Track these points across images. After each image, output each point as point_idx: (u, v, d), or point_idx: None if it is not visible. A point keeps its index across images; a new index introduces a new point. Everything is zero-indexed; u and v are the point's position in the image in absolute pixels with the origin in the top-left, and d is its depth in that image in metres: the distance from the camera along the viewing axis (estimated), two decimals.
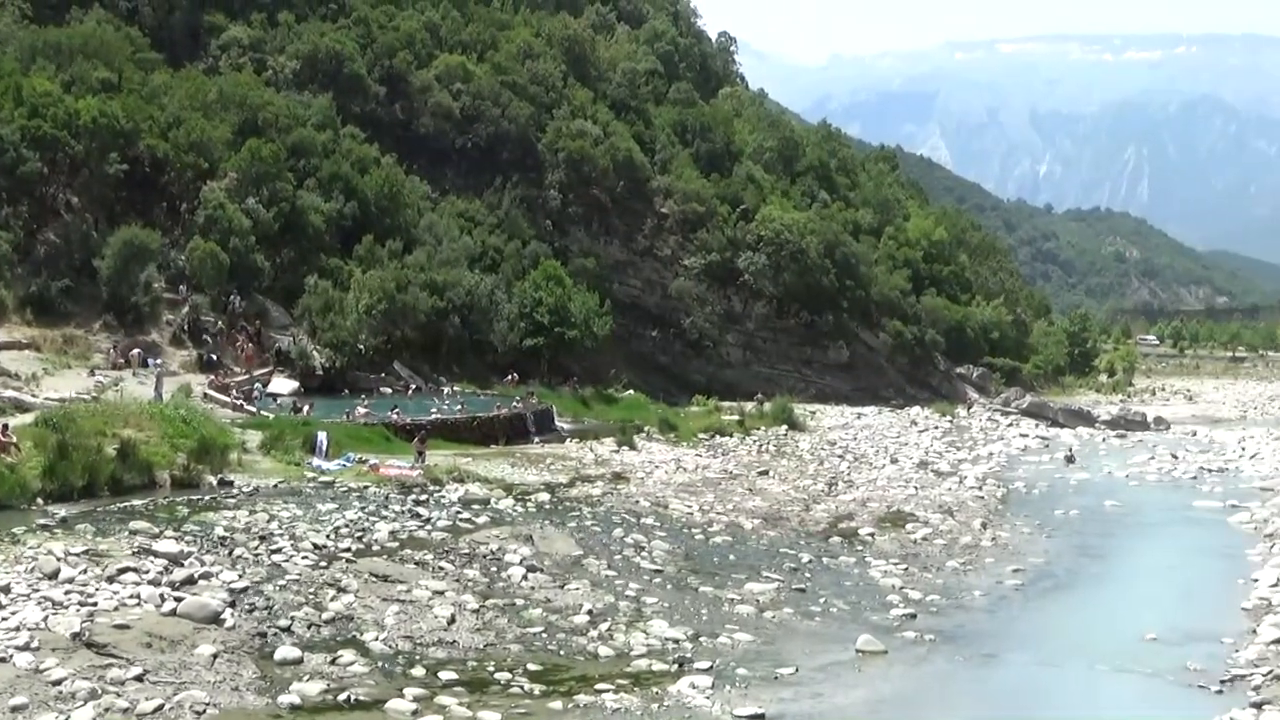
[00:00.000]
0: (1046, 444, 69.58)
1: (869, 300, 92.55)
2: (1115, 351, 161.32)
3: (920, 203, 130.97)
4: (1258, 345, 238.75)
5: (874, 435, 66.02)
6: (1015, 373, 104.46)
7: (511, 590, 25.98)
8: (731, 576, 29.27)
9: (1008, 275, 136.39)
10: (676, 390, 76.55)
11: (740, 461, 51.56)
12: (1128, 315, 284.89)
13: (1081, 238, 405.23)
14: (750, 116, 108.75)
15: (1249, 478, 53.80)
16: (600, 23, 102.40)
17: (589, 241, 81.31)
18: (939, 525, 38.49)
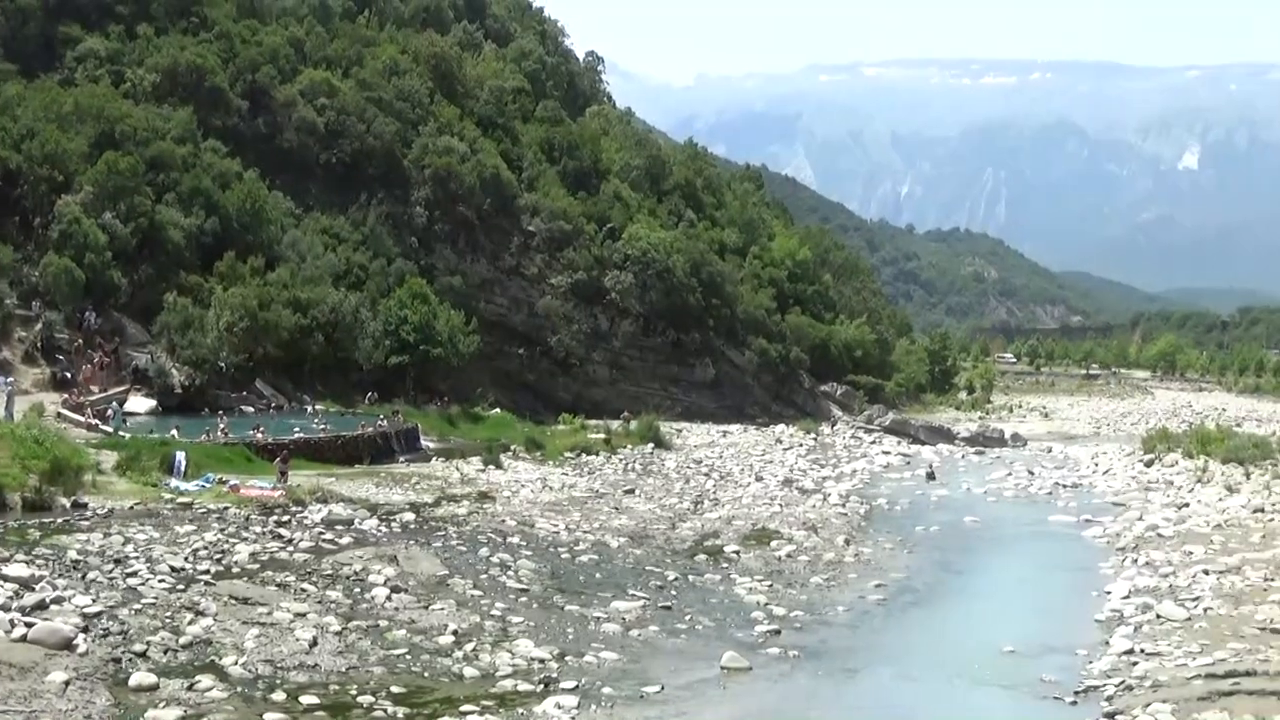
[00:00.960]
0: (908, 461, 70.70)
1: (734, 319, 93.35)
2: (974, 369, 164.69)
3: (785, 222, 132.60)
4: (1110, 363, 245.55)
5: (739, 453, 66.53)
6: (878, 390, 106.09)
7: (375, 611, 25.66)
8: (598, 595, 29.24)
9: (870, 294, 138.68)
10: (543, 408, 76.49)
11: (607, 480, 51.61)
12: (986, 334, 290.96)
13: (942, 258, 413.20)
14: (617, 135, 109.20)
15: (1102, 493, 55.16)
16: (467, 40, 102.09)
17: (455, 259, 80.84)
18: (803, 542, 38.86)
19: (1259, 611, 27.41)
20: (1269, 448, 62.20)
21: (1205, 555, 35.60)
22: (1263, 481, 52.76)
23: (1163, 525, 42.22)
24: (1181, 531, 40.75)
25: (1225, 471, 56.63)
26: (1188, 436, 70.73)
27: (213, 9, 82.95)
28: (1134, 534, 41.14)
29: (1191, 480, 55.43)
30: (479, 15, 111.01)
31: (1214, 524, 41.97)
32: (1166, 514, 45.11)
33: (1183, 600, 29.31)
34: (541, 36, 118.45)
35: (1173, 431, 78.09)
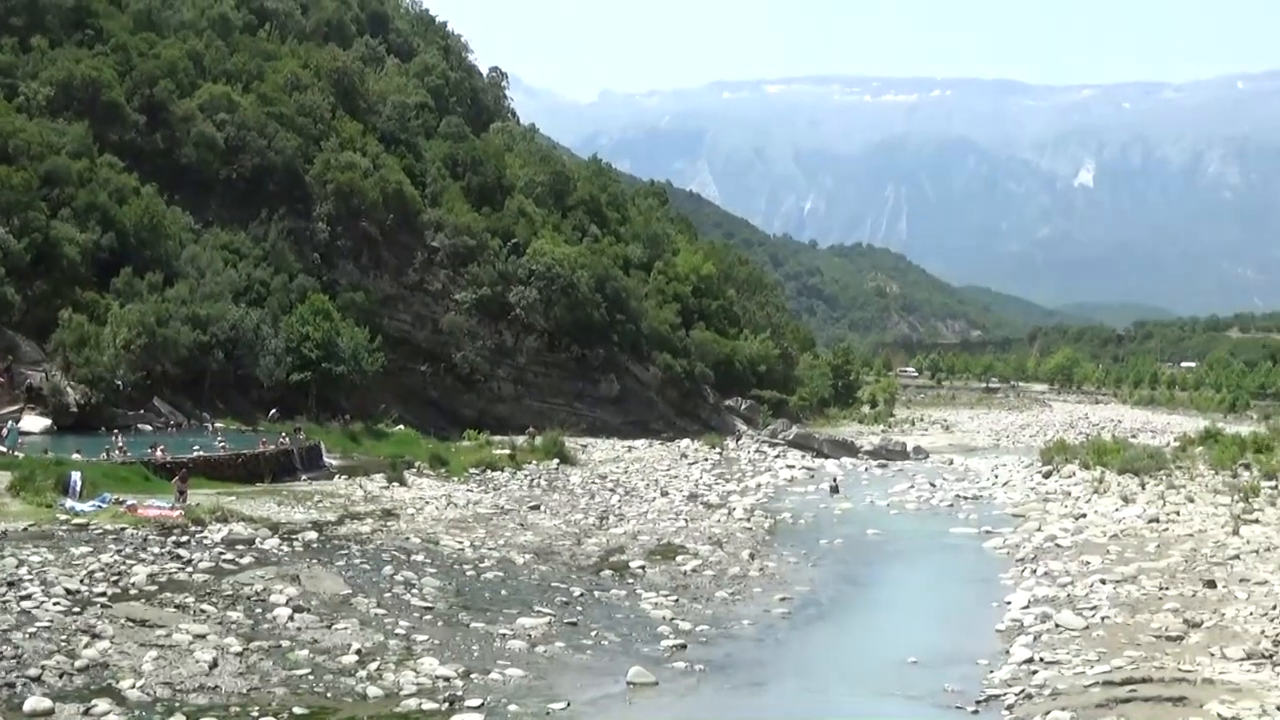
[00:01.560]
0: (812, 474, 71.19)
1: (639, 334, 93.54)
2: (877, 383, 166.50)
3: (689, 238, 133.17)
4: (1009, 376, 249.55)
5: (645, 468, 66.62)
6: (782, 405, 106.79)
7: (277, 632, 25.32)
8: (503, 612, 29.09)
9: (774, 309, 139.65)
10: (448, 425, 76.07)
11: (512, 496, 51.43)
12: (889, 348, 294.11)
13: (845, 273, 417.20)
14: (521, 151, 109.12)
15: (1001, 505, 55.90)
16: (370, 55, 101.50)
17: (358, 275, 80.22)
18: (708, 556, 38.96)
19: (1154, 620, 27.92)
20: (1163, 459, 63.49)
21: (1102, 565, 36.21)
22: (1157, 492, 53.82)
23: (1061, 536, 42.89)
24: (1079, 542, 41.41)
25: (1121, 482, 57.69)
26: (1085, 448, 71.98)
27: (109, 21, 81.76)
28: (1033, 545, 41.74)
29: (1088, 491, 56.34)
30: (382, 30, 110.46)
31: (1110, 534, 42.70)
32: (1064, 525, 45.81)
33: (1081, 609, 29.77)
34: (445, 52, 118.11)
35: (1070, 443, 79.47)
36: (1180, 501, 50.75)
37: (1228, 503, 49.13)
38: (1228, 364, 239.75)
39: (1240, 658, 23.70)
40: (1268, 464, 60.12)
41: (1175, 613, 28.47)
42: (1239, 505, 47.79)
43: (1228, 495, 51.46)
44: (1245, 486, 52.65)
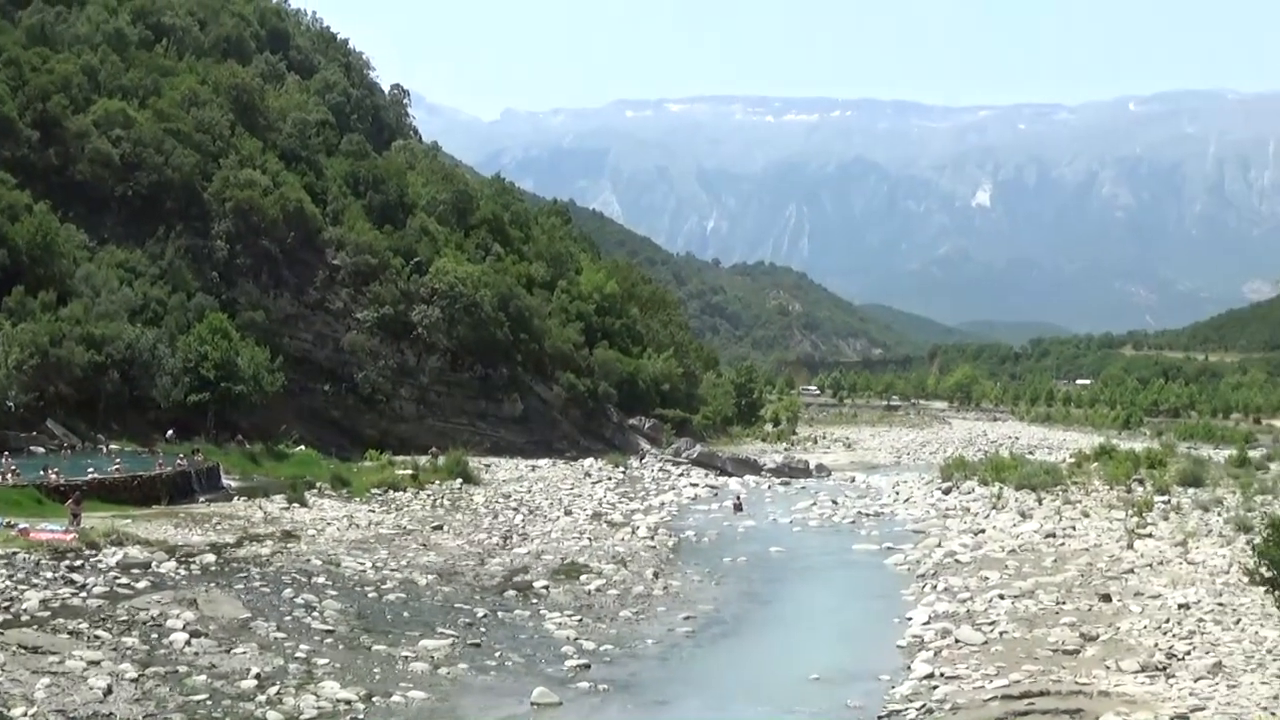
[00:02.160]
0: (716, 493, 71.45)
1: (543, 353, 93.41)
2: (780, 402, 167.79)
3: (593, 256, 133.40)
4: (910, 394, 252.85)
5: (548, 487, 66.47)
6: (686, 423, 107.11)
7: (174, 657, 24.90)
8: (406, 634, 28.86)
9: (678, 328, 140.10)
10: (350, 445, 75.33)
11: (414, 516, 51.06)
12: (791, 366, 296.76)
13: (747, 292, 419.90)
14: (424, 169, 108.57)
15: (902, 521, 56.51)
16: (270, 72, 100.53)
17: (258, 294, 79.24)
18: (612, 575, 38.96)
19: (1051, 634, 28.36)
20: (1059, 475, 64.62)
21: (1001, 580, 36.73)
22: (1054, 507, 54.78)
23: (961, 551, 43.45)
24: (978, 557, 41.98)
25: (1019, 498, 58.64)
26: (983, 465, 73.02)
27: (1, 36, 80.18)
28: (933, 560, 42.24)
29: (987, 507, 57.18)
30: (282, 46, 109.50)
31: (1009, 549, 43.35)
32: (964, 540, 46.43)
33: (980, 624, 30.17)
34: (346, 69, 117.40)
35: (969, 460, 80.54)
36: (1076, 517, 51.69)
37: (1122, 518, 50.15)
38: (1121, 381, 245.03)
39: (1135, 670, 24.15)
40: (1160, 480, 61.53)
41: (1072, 626, 28.95)
42: (1133, 520, 48.78)
43: (1122, 510, 52.53)
44: (1139, 502, 53.78)
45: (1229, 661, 24.11)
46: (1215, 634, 27.08)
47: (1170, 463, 69.97)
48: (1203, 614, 29.47)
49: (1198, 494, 57.57)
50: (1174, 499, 55.95)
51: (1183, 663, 24.51)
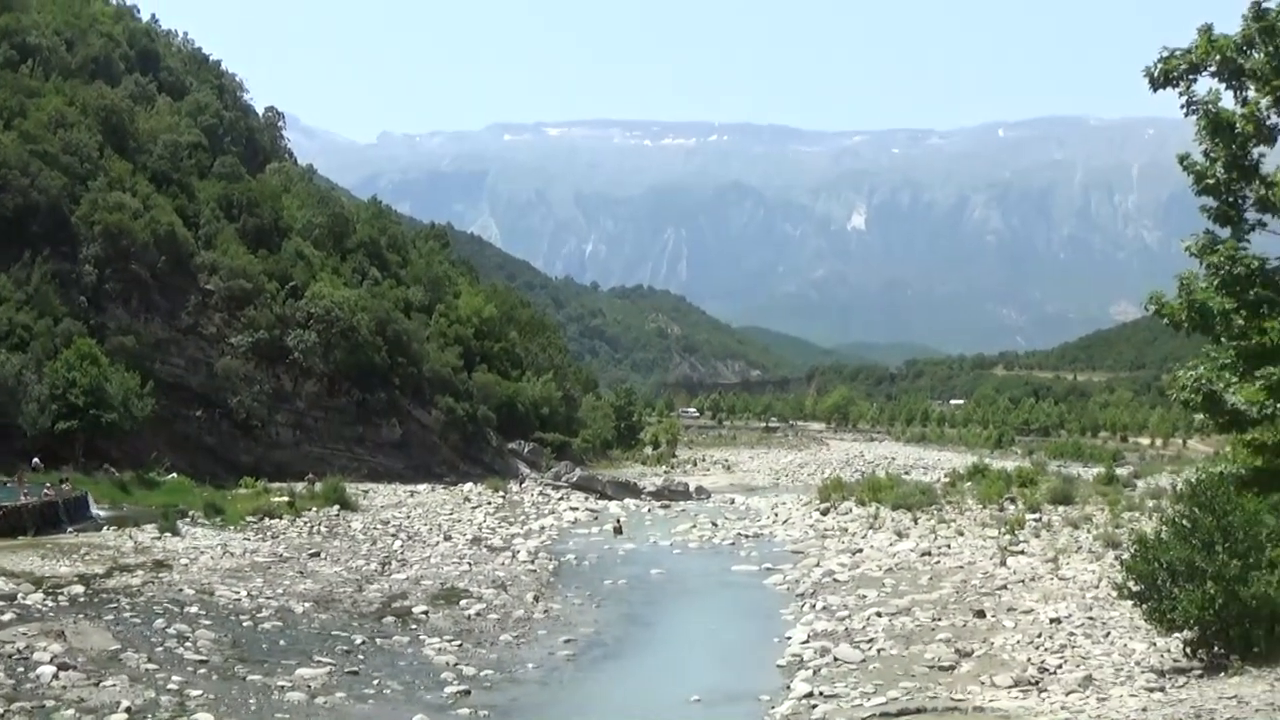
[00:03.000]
0: (596, 516, 71.41)
1: (421, 377, 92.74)
2: (659, 424, 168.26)
3: (471, 280, 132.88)
4: (788, 415, 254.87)
5: (428, 513, 65.94)
6: (566, 447, 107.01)
7: (41, 691, 24.24)
8: (282, 663, 28.41)
9: (557, 351, 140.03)
10: (224, 472, 74.03)
11: (291, 544, 50.32)
12: (671, 389, 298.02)
13: (627, 314, 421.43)
14: (299, 192, 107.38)
15: (781, 542, 56.90)
16: (140, 93, 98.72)
17: (128, 319, 77.64)
18: (492, 600, 38.75)
19: (928, 650, 28.74)
20: (934, 494, 65.66)
21: (878, 598, 37.17)
22: (929, 526, 55.58)
23: (839, 571, 43.89)
24: (856, 576, 42.44)
25: (895, 517, 59.39)
26: (860, 485, 73.87)
27: None
28: (812, 580, 42.60)
29: (864, 527, 57.82)
30: (152, 67, 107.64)
31: (885, 568, 43.89)
32: (842, 560, 46.91)
33: (858, 642, 30.49)
34: (219, 91, 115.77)
35: (846, 481, 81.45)
36: (950, 535, 52.51)
37: (995, 535, 51.07)
38: (993, 401, 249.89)
39: (1009, 685, 24.55)
40: (1031, 498, 62.79)
41: (947, 643, 29.38)
42: (1005, 537, 49.70)
43: (995, 528, 53.49)
44: (1011, 520, 54.81)
45: (1099, 674, 24.62)
46: (1086, 647, 27.65)
47: (1041, 481, 71.42)
48: (1073, 628, 30.09)
49: (1068, 511, 58.78)
50: (1045, 516, 57.07)
51: (1055, 676, 24.98)
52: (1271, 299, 17.78)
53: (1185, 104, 18.48)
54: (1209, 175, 18.69)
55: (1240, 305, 17.94)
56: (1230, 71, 17.96)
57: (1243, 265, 17.88)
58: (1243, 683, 21.59)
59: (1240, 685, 21.35)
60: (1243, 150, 18.25)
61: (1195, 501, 24.92)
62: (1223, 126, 18.19)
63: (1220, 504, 23.91)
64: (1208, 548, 23.82)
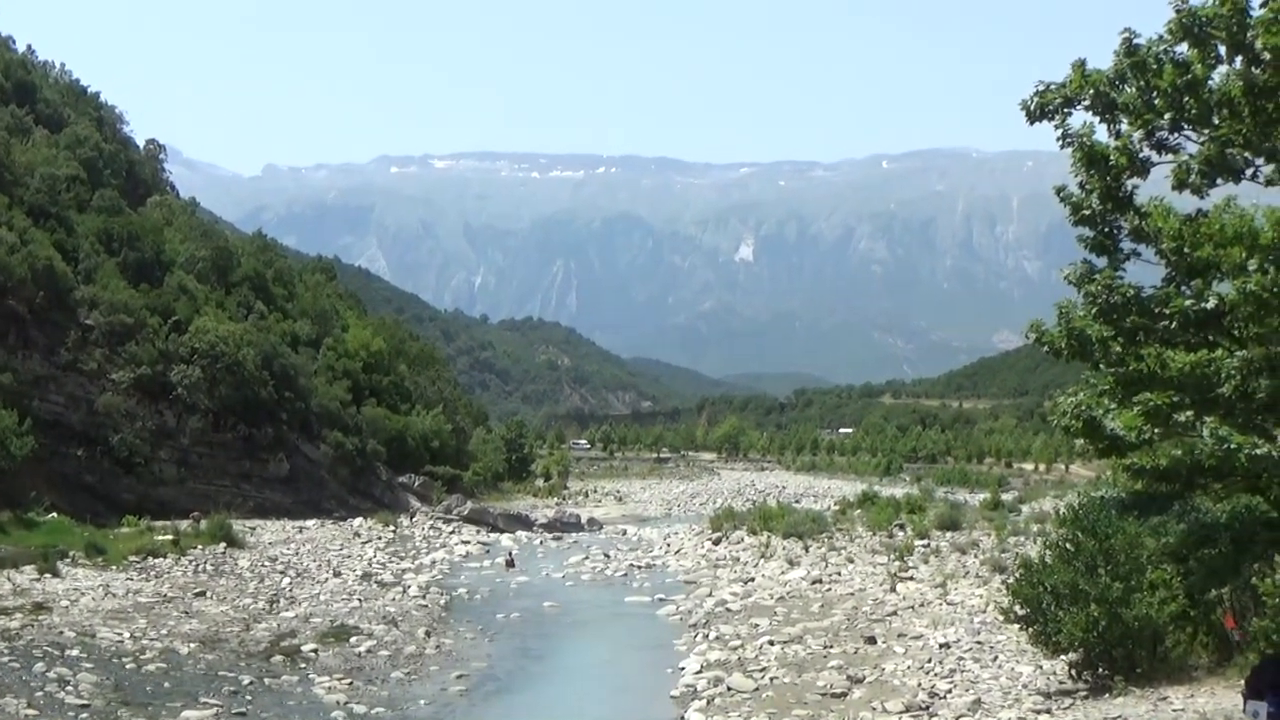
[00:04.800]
0: (488, 549, 71.10)
1: (309, 412, 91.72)
2: (550, 456, 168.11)
3: (359, 313, 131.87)
4: (679, 446, 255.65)
5: (317, 549, 65.15)
6: (456, 480, 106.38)
7: None
8: (167, 705, 27.88)
9: (446, 384, 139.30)
10: (106, 511, 72.44)
11: (176, 583, 49.44)
12: (561, 421, 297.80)
13: (516, 347, 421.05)
14: (182, 226, 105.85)
15: (674, 572, 57.08)
16: (15, 125, 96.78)
17: (5, 356, 75.80)
18: (383, 636, 38.38)
19: (820, 678, 28.98)
20: (824, 522, 66.24)
21: (770, 627, 37.40)
22: (820, 554, 56.05)
23: (731, 600, 44.11)
24: (748, 605, 42.68)
25: (786, 546, 59.82)
26: (751, 514, 74.28)
27: None
28: (705, 610, 42.77)
29: (756, 556, 58.16)
30: (29, 99, 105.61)
31: (778, 596, 44.20)
32: (734, 589, 47.14)
33: (751, 671, 30.64)
34: (98, 123, 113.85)
35: (738, 510, 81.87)
36: (841, 562, 53.01)
37: (885, 562, 51.65)
38: (882, 429, 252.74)
39: (900, 710, 24.85)
40: (919, 524, 63.57)
41: (839, 670, 29.65)
42: (895, 564, 50.30)
43: (884, 555, 54.10)
44: (900, 546, 55.47)
45: (987, 698, 25.01)
46: (975, 671, 28.07)
47: (929, 508, 72.38)
48: (962, 653, 30.53)
49: (955, 537, 59.61)
50: (933, 543, 57.84)
51: (944, 701, 25.32)
52: (1147, 326, 18.25)
53: (1061, 137, 18.92)
54: (1085, 206, 19.16)
55: (1117, 333, 18.38)
56: (1104, 105, 18.43)
57: (1119, 294, 18.33)
58: (1126, 703, 22.08)
59: (1124, 705, 21.83)
60: (1116, 182, 18.73)
61: (1078, 525, 25.45)
62: (1097, 159, 18.66)
63: (1102, 528, 24.45)
64: (1091, 570, 24.33)
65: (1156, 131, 18.24)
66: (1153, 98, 17.96)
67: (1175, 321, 17.91)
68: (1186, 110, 17.75)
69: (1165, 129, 18.15)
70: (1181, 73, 17.43)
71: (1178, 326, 17.98)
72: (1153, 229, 18.44)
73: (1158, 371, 17.57)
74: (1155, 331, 18.24)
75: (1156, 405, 17.65)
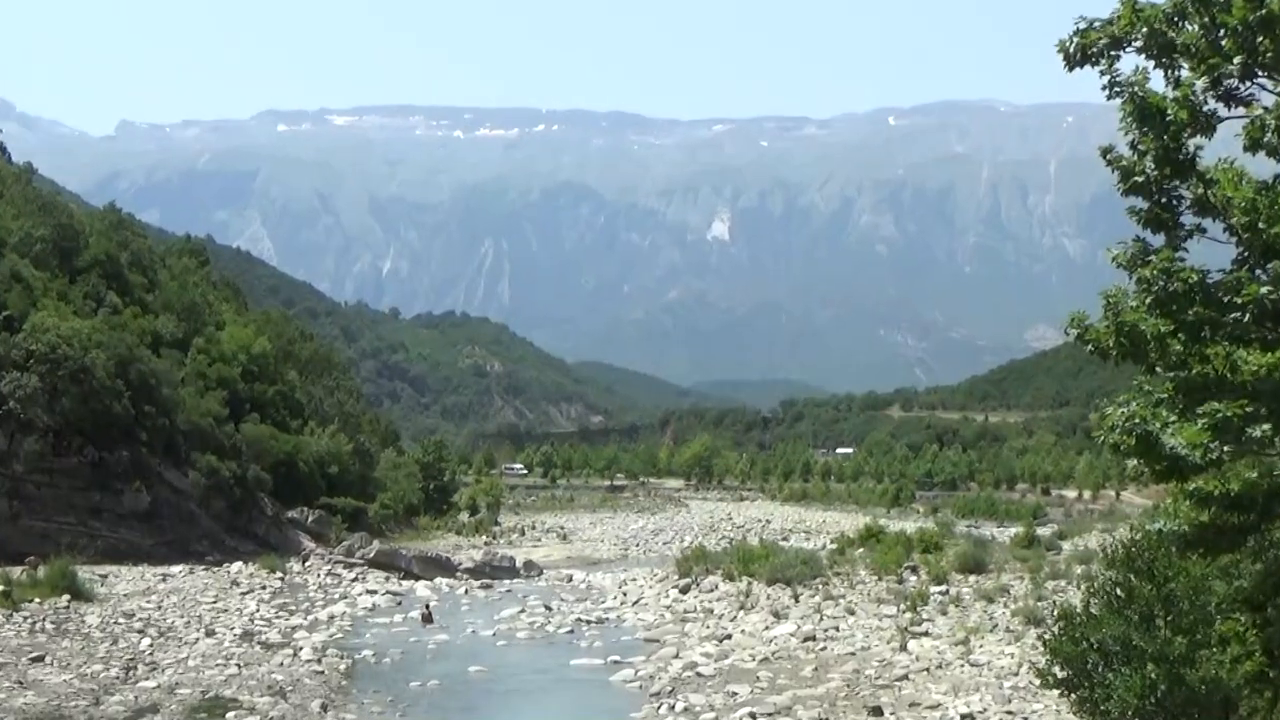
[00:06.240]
0: (399, 600, 70.87)
1: (175, 430, 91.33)
2: (477, 484, 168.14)
3: (238, 307, 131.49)
4: (638, 471, 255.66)
5: (185, 601, 64.83)
6: (360, 514, 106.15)
7: None
8: None
9: (347, 395, 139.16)
10: None
11: (7, 645, 49.09)
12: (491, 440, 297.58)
13: (435, 348, 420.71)
14: (15, 198, 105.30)
15: (632, 628, 57.03)
16: None
17: None
18: (268, 711, 38.18)
19: None
20: (818, 564, 66.23)
21: (752, 695, 37.40)
22: (813, 604, 56.12)
23: (702, 663, 44.08)
24: (724, 668, 42.67)
25: (771, 594, 59.86)
26: (728, 555, 74.31)
27: None
28: (670, 675, 42.71)
29: (734, 607, 58.17)
30: None
31: (760, 657, 44.21)
32: (707, 649, 47.13)
33: None
34: None
35: (711, 550, 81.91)
36: (839, 614, 53.11)
37: (893, 614, 51.76)
38: (889, 449, 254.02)
39: None
40: (936, 567, 63.68)
41: None
42: (906, 616, 50.41)
43: (893, 605, 54.22)
44: (912, 594, 55.60)
45: None
46: None
47: (947, 546, 72.60)
48: None
49: (980, 582, 59.80)
50: (953, 589, 58.01)
51: None
52: (1214, 319, 18.05)
53: (1107, 86, 18.86)
54: (1137, 171, 19.06)
55: (1178, 327, 18.23)
56: (1159, 47, 18.36)
57: (1179, 279, 18.15)
58: None
59: None
60: (1176, 141, 18.61)
61: (1130, 567, 25.55)
62: (1151, 113, 18.56)
63: (1160, 569, 24.54)
64: (1146, 622, 24.43)
65: (1224, 79, 18.18)
66: (1220, 37, 17.92)
67: (1249, 314, 17.79)
68: (1261, 53, 17.71)
69: (1235, 76, 18.09)
70: (1255, 7, 17.38)
71: (1252, 320, 17.87)
72: (1221, 199, 18.38)
73: (1227, 375, 17.53)
74: (1224, 326, 18.16)
75: (1226, 417, 17.61)
